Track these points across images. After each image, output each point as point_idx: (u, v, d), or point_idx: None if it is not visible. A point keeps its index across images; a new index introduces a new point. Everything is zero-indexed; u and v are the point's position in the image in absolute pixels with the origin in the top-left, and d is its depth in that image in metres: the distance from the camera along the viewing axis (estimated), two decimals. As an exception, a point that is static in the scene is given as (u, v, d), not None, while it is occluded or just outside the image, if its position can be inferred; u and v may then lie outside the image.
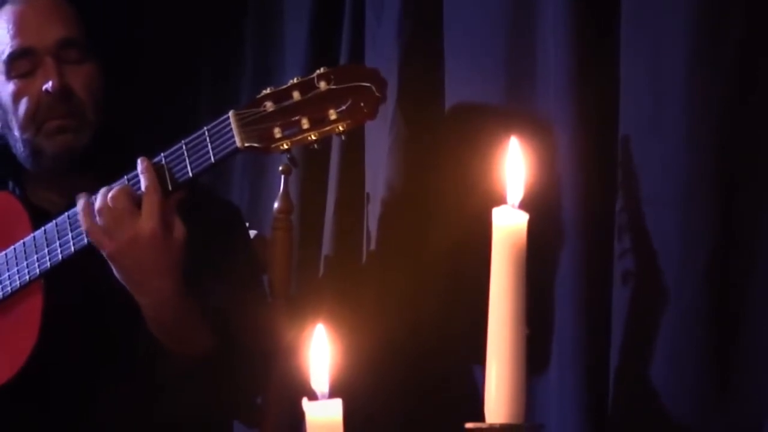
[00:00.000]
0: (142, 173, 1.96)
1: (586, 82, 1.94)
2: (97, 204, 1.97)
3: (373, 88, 1.91)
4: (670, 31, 1.85)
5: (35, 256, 2.08)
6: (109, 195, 1.96)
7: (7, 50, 2.17)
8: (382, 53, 2.30)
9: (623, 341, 1.88)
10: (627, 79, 1.90)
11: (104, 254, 1.98)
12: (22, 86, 2.16)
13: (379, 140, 2.29)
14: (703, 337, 1.80)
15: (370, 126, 2.25)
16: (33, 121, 2.15)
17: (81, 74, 2.18)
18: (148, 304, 2.01)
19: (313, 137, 1.91)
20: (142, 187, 1.96)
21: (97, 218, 1.97)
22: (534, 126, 2.00)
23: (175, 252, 1.97)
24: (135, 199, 1.96)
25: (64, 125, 2.15)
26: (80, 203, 2.00)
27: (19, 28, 2.17)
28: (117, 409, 2.11)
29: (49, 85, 2.14)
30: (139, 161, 1.97)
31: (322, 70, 1.92)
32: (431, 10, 2.25)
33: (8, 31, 2.18)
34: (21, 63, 2.16)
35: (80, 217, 2.00)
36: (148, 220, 1.95)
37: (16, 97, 2.16)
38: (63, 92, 2.14)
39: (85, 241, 2.03)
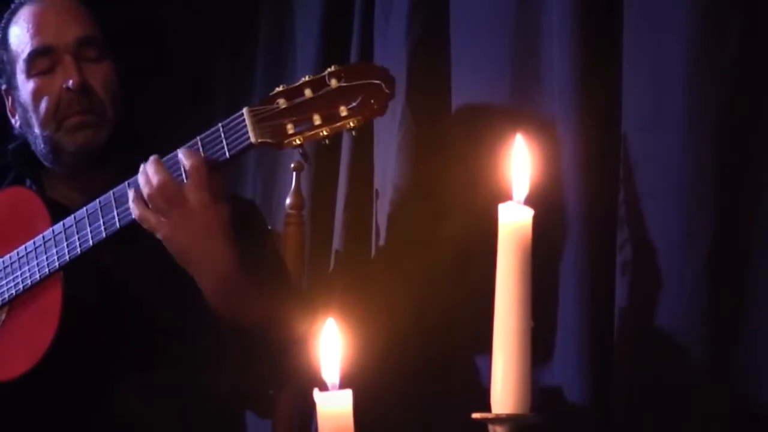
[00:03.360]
0: (183, 157, 1.97)
1: (590, 81, 1.95)
2: (146, 192, 1.98)
3: (383, 86, 1.93)
4: (671, 30, 1.86)
5: (54, 249, 2.09)
6: (156, 183, 1.97)
7: (27, 49, 2.19)
8: (391, 52, 2.31)
9: (625, 334, 1.89)
10: (629, 78, 1.90)
11: (160, 237, 1.99)
12: (42, 84, 2.18)
13: (388, 137, 2.30)
14: (703, 329, 1.81)
15: (379, 123, 2.27)
16: (54, 118, 2.17)
17: (99, 72, 2.20)
18: (210, 276, 2.02)
19: (325, 133, 1.93)
20: (186, 165, 1.96)
21: (149, 205, 1.98)
22: (539, 123, 2.02)
23: (227, 220, 1.99)
24: (179, 182, 1.97)
25: (85, 121, 2.17)
26: (130, 193, 2.00)
27: (39, 27, 2.19)
28: (134, 401, 2.12)
29: (69, 83, 2.16)
30: (179, 151, 1.98)
31: (332, 68, 1.94)
32: (439, 10, 2.26)
33: (27, 31, 2.20)
34: (41, 61, 2.19)
35: (132, 206, 2.00)
36: (197, 191, 1.96)
37: (37, 95, 2.18)
38: (83, 89, 2.16)
39: (104, 234, 2.04)
